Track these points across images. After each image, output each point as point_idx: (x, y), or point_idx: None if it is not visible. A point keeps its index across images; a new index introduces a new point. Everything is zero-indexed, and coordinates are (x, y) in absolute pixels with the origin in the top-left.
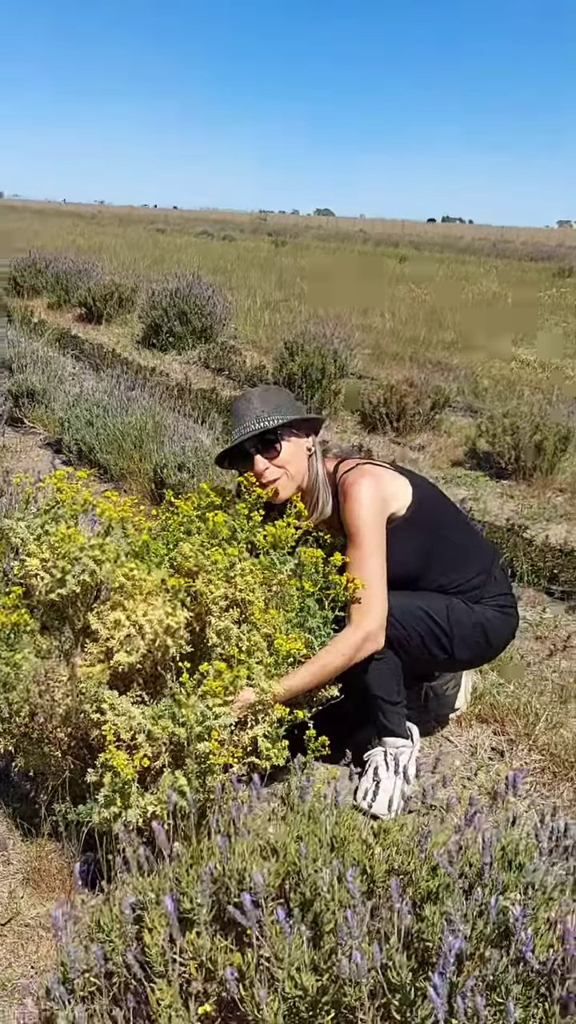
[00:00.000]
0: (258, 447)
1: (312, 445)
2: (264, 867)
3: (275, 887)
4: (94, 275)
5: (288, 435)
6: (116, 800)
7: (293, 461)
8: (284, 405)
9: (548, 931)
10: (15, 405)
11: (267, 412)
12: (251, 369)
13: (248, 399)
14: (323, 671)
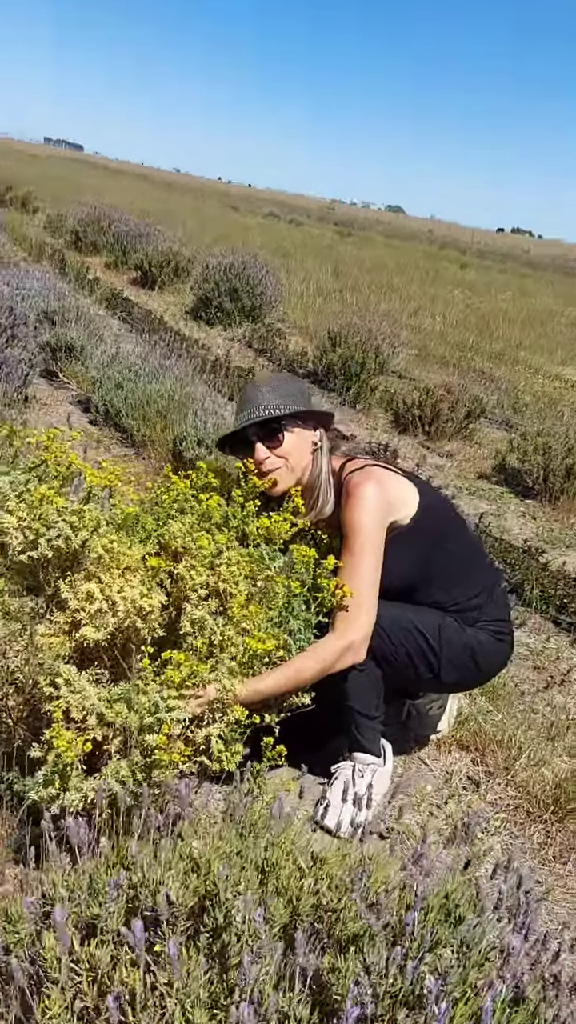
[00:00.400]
0: (260, 435)
1: (319, 440)
2: (184, 882)
3: (192, 907)
4: (154, 240)
5: (293, 426)
6: (55, 781)
7: (295, 453)
8: (294, 395)
9: (474, 998)
10: (52, 358)
11: (274, 400)
12: (292, 354)
13: (257, 385)
14: (296, 677)
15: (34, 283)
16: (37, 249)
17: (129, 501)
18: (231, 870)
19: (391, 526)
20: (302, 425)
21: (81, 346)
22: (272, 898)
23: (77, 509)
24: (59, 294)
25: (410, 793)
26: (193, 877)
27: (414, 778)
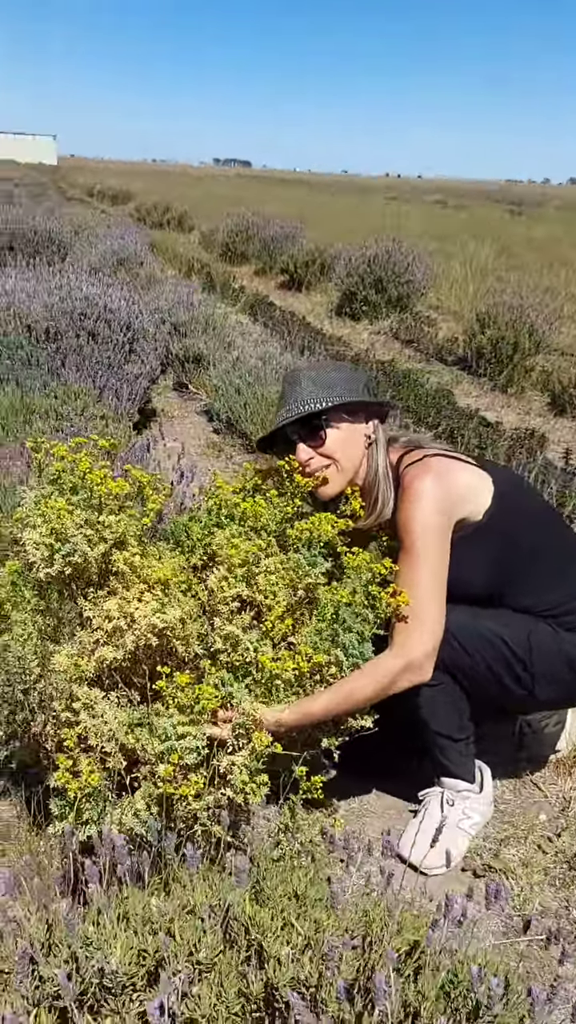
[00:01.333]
0: (301, 433)
1: (373, 433)
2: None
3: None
4: (299, 241)
5: (338, 420)
6: (68, 815)
7: (343, 451)
8: (340, 384)
9: None
10: (181, 370)
11: (315, 393)
12: (442, 341)
13: (295, 377)
14: (348, 700)
15: (168, 297)
16: (187, 265)
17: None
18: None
19: (459, 524)
20: (350, 419)
21: (210, 356)
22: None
23: (94, 521)
24: (189, 306)
25: (516, 823)
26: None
27: (524, 806)
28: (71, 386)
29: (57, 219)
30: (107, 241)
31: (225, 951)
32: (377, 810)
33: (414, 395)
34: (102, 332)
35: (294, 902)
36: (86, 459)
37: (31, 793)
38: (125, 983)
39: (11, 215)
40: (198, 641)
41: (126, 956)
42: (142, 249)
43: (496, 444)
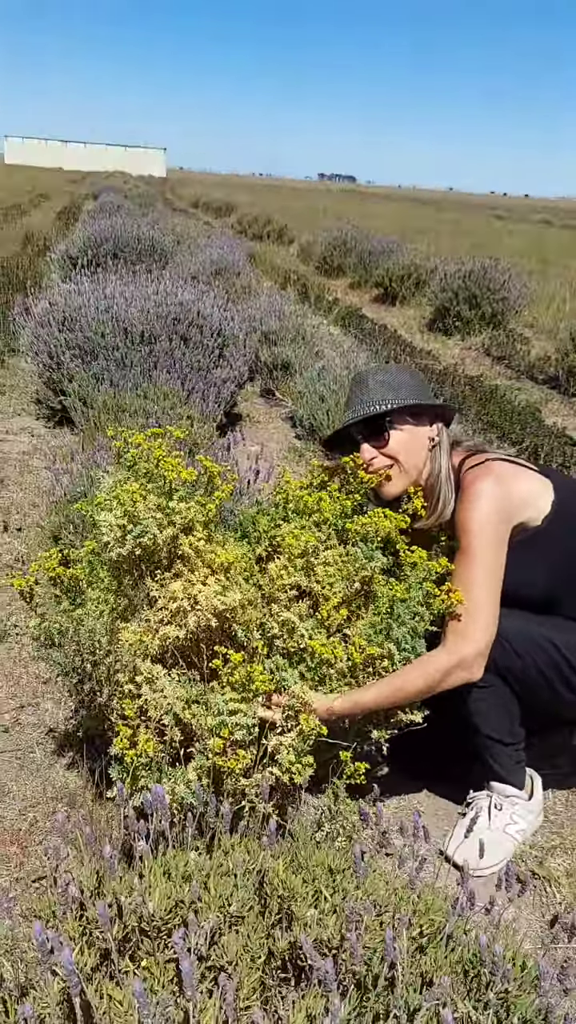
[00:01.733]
0: (365, 433)
1: (436, 435)
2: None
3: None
4: (395, 256)
5: (402, 422)
6: (127, 781)
7: (406, 452)
8: (405, 387)
9: None
10: (269, 376)
11: (381, 394)
12: (534, 359)
13: (363, 379)
14: (398, 693)
15: (262, 306)
16: (283, 277)
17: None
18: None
19: (517, 528)
20: (414, 421)
21: (297, 364)
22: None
23: (164, 506)
24: (281, 315)
25: (565, 835)
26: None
27: (574, 818)
28: (161, 387)
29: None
30: (207, 251)
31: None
32: (428, 809)
33: (500, 410)
34: (194, 337)
35: (329, 874)
36: (161, 448)
37: (96, 764)
38: (160, 927)
39: (117, 224)
40: (258, 629)
41: (162, 903)
42: (240, 259)
43: None
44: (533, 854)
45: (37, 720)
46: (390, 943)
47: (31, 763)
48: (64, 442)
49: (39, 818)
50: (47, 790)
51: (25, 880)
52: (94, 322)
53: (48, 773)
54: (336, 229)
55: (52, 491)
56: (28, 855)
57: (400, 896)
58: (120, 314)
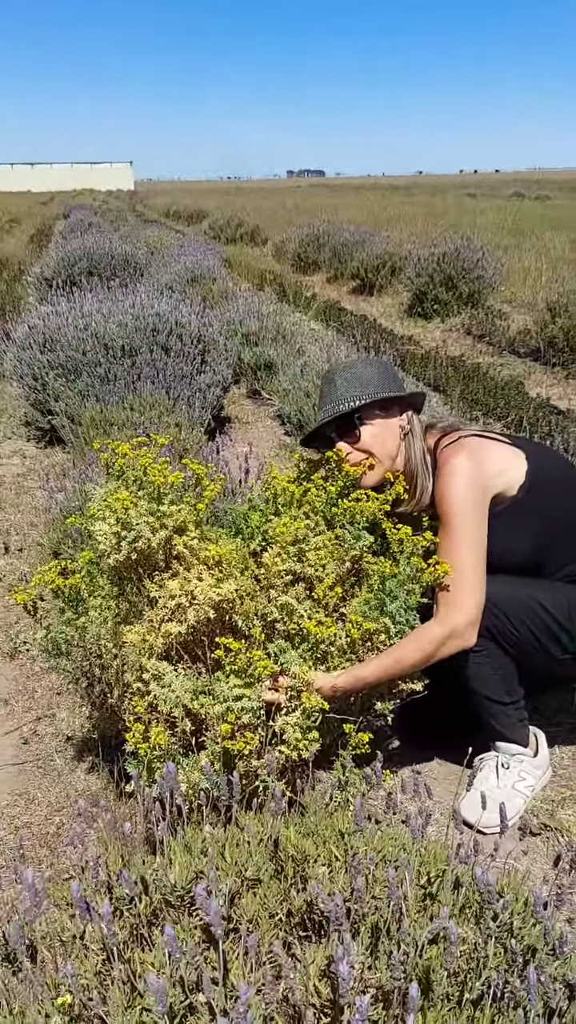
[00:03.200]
0: (338, 431)
1: (407, 423)
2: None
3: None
4: (370, 246)
5: (371, 416)
6: (143, 774)
7: (379, 444)
8: (371, 381)
9: None
10: (254, 377)
11: (349, 391)
12: (514, 334)
13: (331, 378)
14: (396, 666)
15: (240, 309)
16: (259, 277)
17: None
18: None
19: (496, 498)
20: (383, 413)
21: (280, 363)
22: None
23: (155, 510)
24: (260, 316)
25: (573, 787)
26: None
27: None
28: (146, 398)
29: (133, 243)
30: (181, 260)
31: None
32: (439, 775)
33: (483, 388)
34: (174, 346)
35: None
36: (147, 455)
37: (114, 764)
38: (183, 896)
39: (89, 242)
40: (258, 618)
41: (183, 874)
42: (215, 265)
43: (566, 430)
44: (544, 808)
45: (54, 730)
46: (393, 883)
47: (52, 771)
48: (56, 460)
49: (65, 821)
50: (70, 794)
51: (56, 880)
52: (75, 340)
53: (69, 779)
54: (308, 225)
55: (48, 509)
56: (57, 856)
57: (406, 848)
58: (99, 330)
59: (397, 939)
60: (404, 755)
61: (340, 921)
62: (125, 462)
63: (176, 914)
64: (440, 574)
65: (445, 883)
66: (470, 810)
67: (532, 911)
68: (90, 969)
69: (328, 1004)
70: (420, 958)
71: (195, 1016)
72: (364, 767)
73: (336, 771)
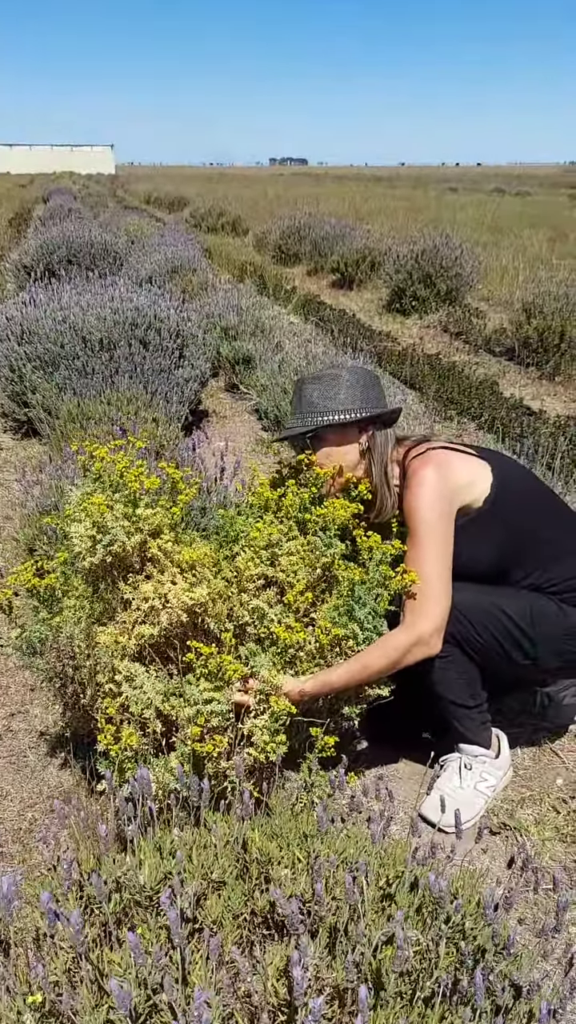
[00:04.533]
0: (298, 446)
1: (366, 442)
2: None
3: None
4: (350, 240)
5: (324, 441)
6: (116, 774)
7: (332, 463)
8: (337, 397)
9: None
10: (232, 371)
11: (305, 414)
12: (491, 332)
13: (300, 389)
14: (363, 672)
15: (220, 303)
16: (240, 269)
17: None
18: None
19: (462, 509)
20: (337, 436)
21: (258, 357)
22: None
23: (131, 514)
24: (239, 310)
25: (533, 787)
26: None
27: (542, 771)
28: (124, 393)
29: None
30: (161, 250)
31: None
32: (403, 775)
33: (458, 386)
34: (153, 340)
35: (302, 839)
36: (124, 459)
37: (87, 762)
38: (152, 896)
39: (69, 230)
40: (229, 620)
41: (152, 875)
42: (195, 255)
43: (538, 431)
44: (504, 807)
45: (28, 726)
46: (350, 887)
47: (25, 767)
48: (32, 453)
49: (37, 817)
50: (43, 791)
51: (28, 875)
52: (52, 333)
53: (42, 775)
54: (289, 217)
55: (24, 504)
56: (30, 852)
57: (366, 851)
58: (78, 323)
59: (353, 940)
60: (371, 755)
61: (296, 926)
62: (103, 466)
63: (144, 914)
64: (408, 582)
65: (403, 885)
66: (432, 810)
67: (483, 912)
68: (60, 967)
69: (285, 1004)
70: (375, 958)
71: (159, 1015)
72: (330, 769)
73: (303, 773)
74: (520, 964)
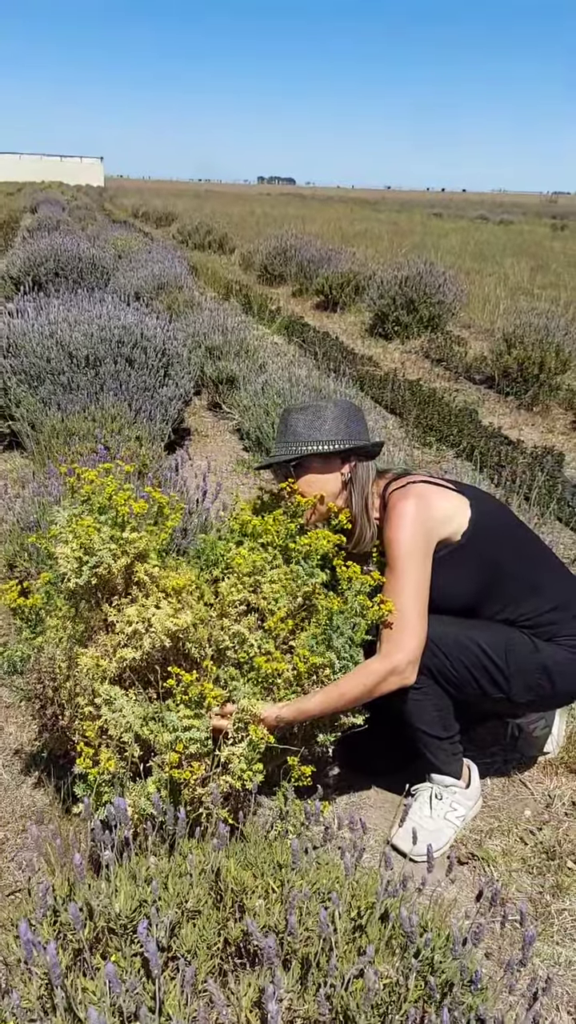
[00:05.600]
0: (280, 474)
1: (348, 473)
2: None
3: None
4: (335, 263)
5: (308, 469)
6: (92, 798)
7: (314, 492)
8: (322, 428)
9: None
10: (215, 391)
11: (289, 444)
12: (471, 360)
13: (286, 418)
14: (340, 700)
15: (205, 322)
16: (225, 287)
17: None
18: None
19: (441, 543)
20: (321, 466)
21: (242, 377)
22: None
23: (118, 537)
24: (224, 330)
25: (502, 818)
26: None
27: (511, 802)
28: (108, 410)
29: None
30: (148, 266)
31: (212, 904)
32: (376, 802)
33: (438, 414)
34: (139, 358)
35: (278, 870)
36: (113, 482)
37: (62, 782)
38: (127, 924)
39: (57, 243)
40: (209, 644)
41: (127, 903)
42: (182, 272)
43: (515, 462)
44: (473, 837)
45: (2, 744)
46: (324, 921)
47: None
48: (15, 466)
49: (10, 836)
50: (16, 809)
51: (1, 894)
52: (39, 347)
53: (16, 793)
54: (276, 238)
55: (4, 520)
56: (1, 872)
57: (339, 880)
58: (64, 339)
59: (325, 973)
60: (342, 781)
61: (271, 959)
62: (92, 488)
63: (119, 941)
64: (384, 612)
65: (373, 917)
66: (403, 839)
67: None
68: (34, 993)
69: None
70: (346, 991)
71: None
72: (305, 797)
73: (277, 800)
74: (486, 997)
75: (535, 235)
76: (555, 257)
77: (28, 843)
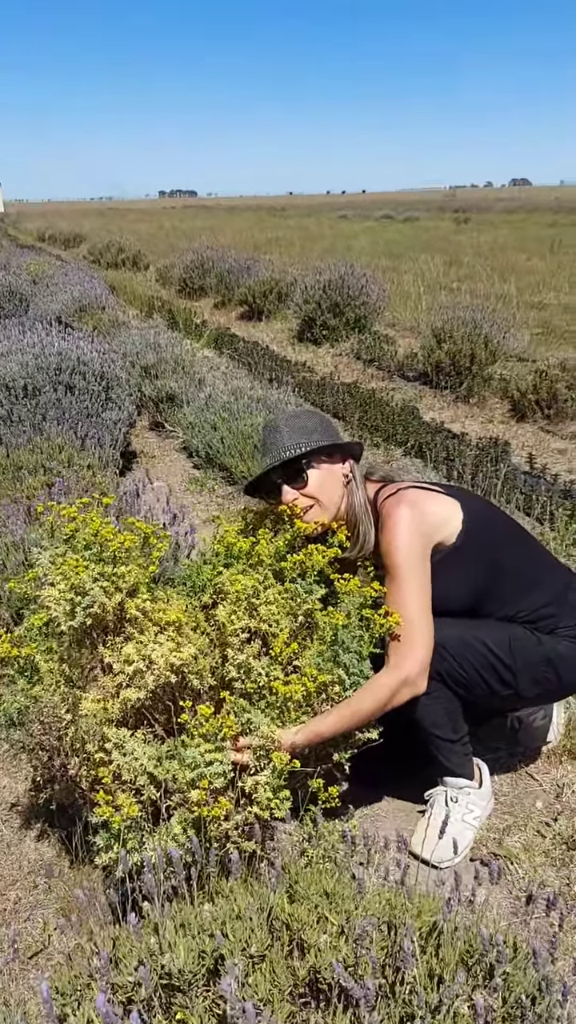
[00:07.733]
0: (284, 477)
1: (349, 472)
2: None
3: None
4: (255, 272)
5: (317, 463)
6: (113, 846)
7: (324, 490)
8: (314, 430)
9: None
10: (156, 410)
11: (294, 439)
12: (402, 358)
13: (275, 427)
14: (353, 717)
15: (136, 341)
16: (147, 304)
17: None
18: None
19: (436, 547)
20: (328, 461)
21: (182, 395)
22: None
23: (108, 573)
24: (156, 347)
25: (516, 813)
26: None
27: (521, 795)
28: (54, 439)
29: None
30: (67, 289)
31: (272, 945)
32: (388, 813)
33: (380, 414)
34: (78, 384)
35: (325, 899)
36: (97, 517)
37: (69, 832)
38: (191, 980)
39: None
40: (211, 674)
41: (188, 957)
42: (102, 293)
43: (463, 455)
44: (491, 836)
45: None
46: (408, 952)
47: (0, 841)
48: None
49: (21, 895)
50: (23, 865)
51: (20, 958)
52: None
53: (20, 848)
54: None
55: None
56: (20, 934)
57: (396, 906)
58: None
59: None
60: (354, 793)
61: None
62: (75, 526)
63: (183, 998)
64: (391, 624)
65: (444, 939)
66: (425, 847)
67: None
68: None
69: None
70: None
71: None
72: (329, 819)
73: (306, 825)
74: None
75: (440, 230)
76: (464, 250)
77: (42, 900)
